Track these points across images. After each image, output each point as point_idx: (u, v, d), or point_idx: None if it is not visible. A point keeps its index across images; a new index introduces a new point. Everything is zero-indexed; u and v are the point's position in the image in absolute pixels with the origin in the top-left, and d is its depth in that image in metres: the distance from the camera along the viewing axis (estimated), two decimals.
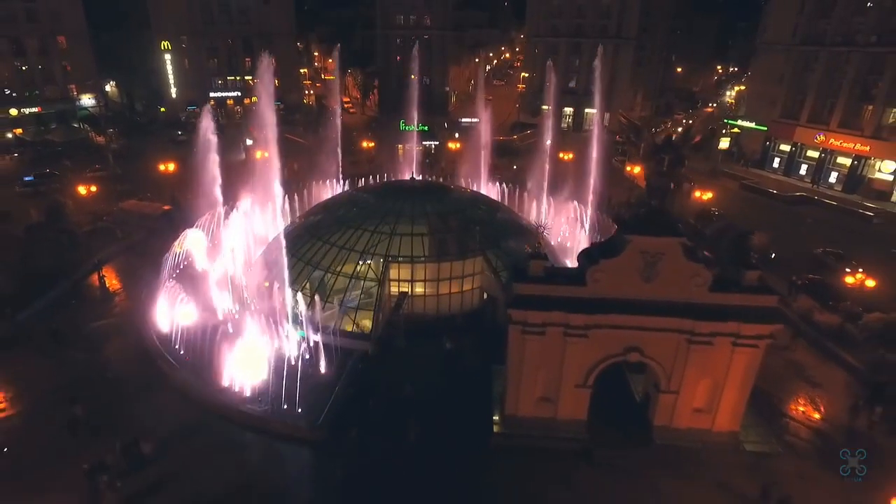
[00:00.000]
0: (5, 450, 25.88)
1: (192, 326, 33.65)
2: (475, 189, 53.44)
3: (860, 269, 43.01)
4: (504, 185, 56.51)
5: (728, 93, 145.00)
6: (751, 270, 25.16)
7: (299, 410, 28.19)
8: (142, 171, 69.95)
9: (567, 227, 48.23)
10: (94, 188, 57.30)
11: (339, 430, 27.23)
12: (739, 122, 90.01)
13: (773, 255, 48.94)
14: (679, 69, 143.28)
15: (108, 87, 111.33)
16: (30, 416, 28.60)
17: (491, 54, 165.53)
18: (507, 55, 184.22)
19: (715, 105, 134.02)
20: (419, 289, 37.15)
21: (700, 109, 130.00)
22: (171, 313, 34.96)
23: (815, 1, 72.49)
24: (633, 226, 24.68)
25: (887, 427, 28.74)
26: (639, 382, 31.09)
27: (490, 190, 54.80)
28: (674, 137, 24.70)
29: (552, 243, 43.60)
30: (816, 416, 30.16)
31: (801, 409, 30.62)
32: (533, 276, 25.82)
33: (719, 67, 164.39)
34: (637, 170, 55.29)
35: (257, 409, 28.36)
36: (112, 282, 43.55)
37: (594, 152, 51.14)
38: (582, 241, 44.20)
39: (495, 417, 28.69)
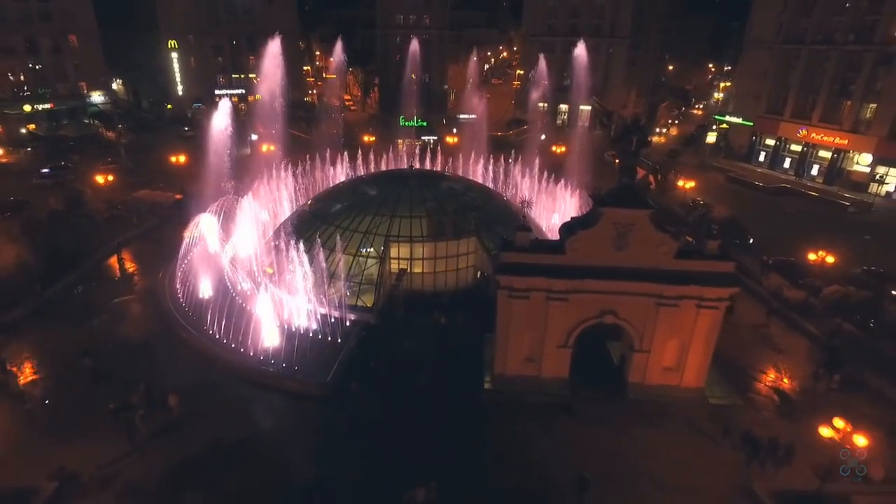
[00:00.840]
0: (47, 402, 28.92)
1: (209, 299, 36.84)
2: (470, 178, 56.37)
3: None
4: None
5: (715, 94, 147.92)
6: (712, 240, 28.19)
7: (309, 371, 31.23)
8: (152, 164, 73.05)
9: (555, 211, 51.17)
10: (110, 177, 60.43)
11: (344, 387, 30.23)
12: (727, 118, 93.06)
13: (752, 240, 51.94)
14: (672, 67, 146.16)
15: (114, 85, 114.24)
16: (62, 377, 31.44)
17: (489, 53, 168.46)
18: (506, 54, 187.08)
19: (702, 106, 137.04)
20: (417, 266, 40.14)
21: (692, 108, 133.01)
22: (188, 289, 38.04)
23: (797, 0, 75.64)
24: (606, 199, 27.68)
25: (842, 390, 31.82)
26: (617, 349, 34.09)
27: (485, 178, 57.79)
28: (641, 121, 27.70)
29: (542, 226, 46.52)
30: (776, 376, 33.19)
31: (764, 371, 33.64)
32: (519, 246, 28.81)
33: (712, 66, 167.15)
34: None
35: (272, 369, 31.39)
36: (129, 264, 46.53)
37: (587, 146, 54.12)
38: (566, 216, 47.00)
39: (486, 378, 31.71)
